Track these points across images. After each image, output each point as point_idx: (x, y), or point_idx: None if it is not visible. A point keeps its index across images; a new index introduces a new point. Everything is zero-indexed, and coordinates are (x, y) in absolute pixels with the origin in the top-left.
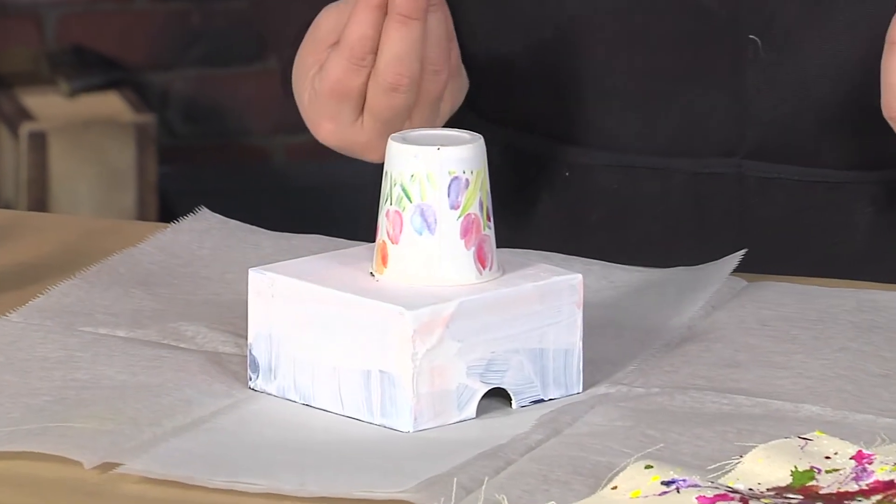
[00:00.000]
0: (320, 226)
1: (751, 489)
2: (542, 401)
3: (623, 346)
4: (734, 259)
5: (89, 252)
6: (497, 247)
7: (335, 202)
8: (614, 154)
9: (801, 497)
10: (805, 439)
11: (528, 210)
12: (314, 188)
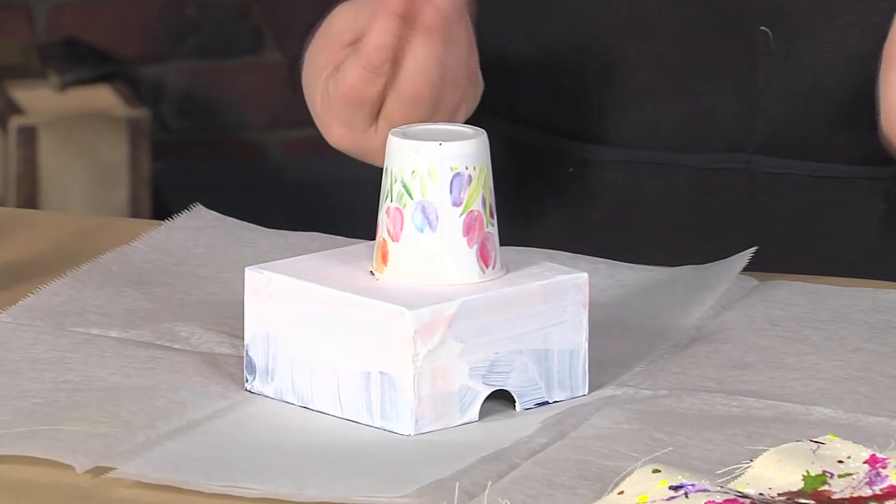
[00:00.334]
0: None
1: (761, 494)
2: (546, 403)
3: (630, 347)
4: (744, 257)
5: (81, 250)
6: (500, 245)
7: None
8: (619, 149)
9: (812, 502)
10: (817, 443)
11: (530, 207)
12: (312, 184)
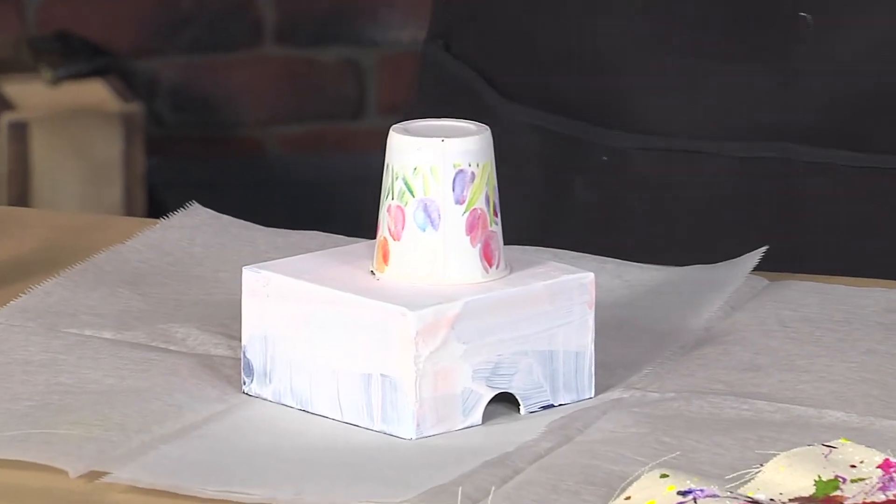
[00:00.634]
0: (318, 221)
1: (772, 500)
2: (551, 406)
3: (637, 349)
4: (754, 256)
5: (74, 249)
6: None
7: (334, 196)
8: (653, 138)
9: None
10: (829, 447)
11: (562, 197)
12: (311, 182)
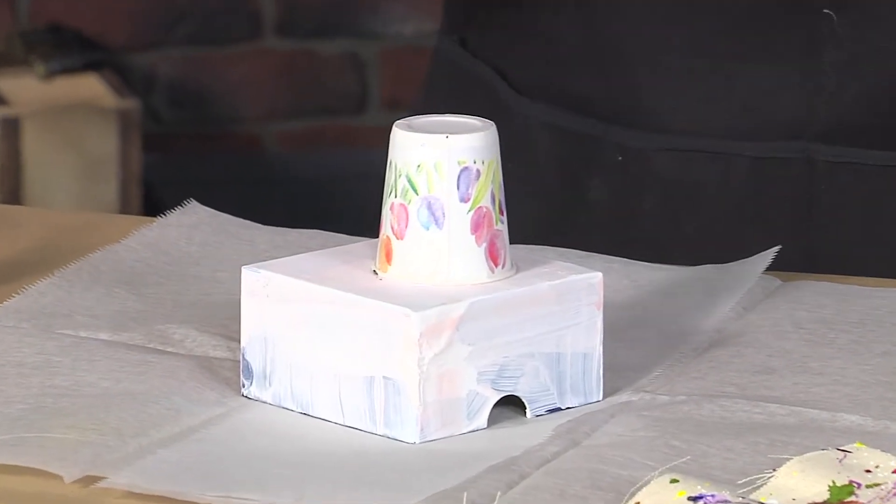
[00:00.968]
0: (319, 220)
1: None
2: (558, 409)
3: (646, 351)
4: (767, 256)
5: (68, 248)
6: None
7: (335, 194)
8: (671, 137)
9: None
10: (843, 451)
11: (577, 196)
12: (312, 179)
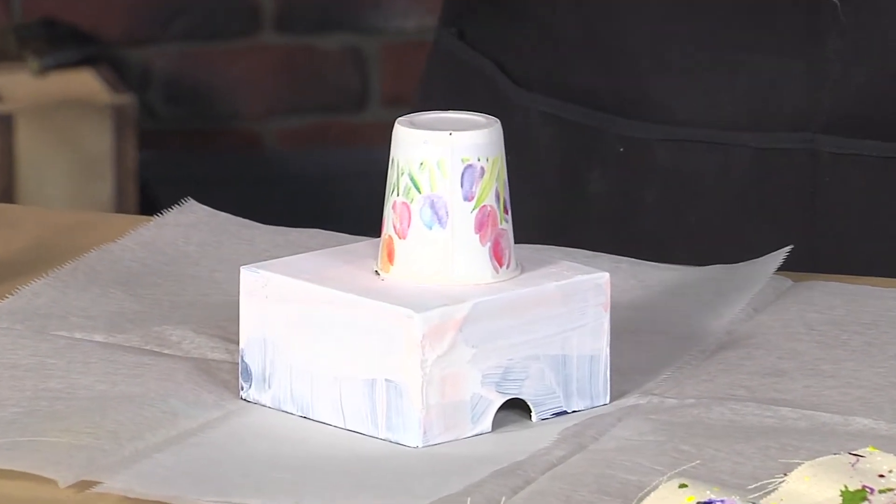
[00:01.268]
0: (319, 219)
1: None
2: (564, 413)
3: (655, 353)
4: (778, 256)
5: (63, 248)
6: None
7: (335, 193)
8: (673, 128)
9: None
10: (856, 456)
11: (578, 188)
12: (312, 177)
